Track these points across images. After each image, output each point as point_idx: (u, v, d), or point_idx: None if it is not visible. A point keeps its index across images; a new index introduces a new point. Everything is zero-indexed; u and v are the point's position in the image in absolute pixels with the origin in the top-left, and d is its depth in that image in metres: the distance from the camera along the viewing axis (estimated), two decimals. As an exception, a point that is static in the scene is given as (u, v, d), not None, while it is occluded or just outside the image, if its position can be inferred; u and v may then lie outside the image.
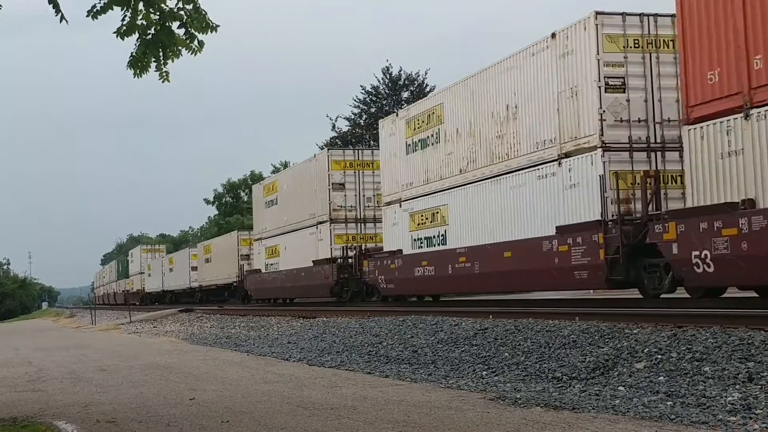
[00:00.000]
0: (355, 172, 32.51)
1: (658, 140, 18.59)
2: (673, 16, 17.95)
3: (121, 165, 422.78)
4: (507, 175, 21.62)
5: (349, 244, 31.44)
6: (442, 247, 24.60)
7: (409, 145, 27.17)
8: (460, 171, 23.92)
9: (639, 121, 18.50)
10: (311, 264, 32.58)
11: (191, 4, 7.13)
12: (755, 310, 12.63)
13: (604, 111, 18.30)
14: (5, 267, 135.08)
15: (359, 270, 30.19)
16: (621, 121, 18.39)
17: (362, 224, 32.11)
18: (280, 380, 10.83)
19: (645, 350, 9.81)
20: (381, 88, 68.48)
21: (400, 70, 68.04)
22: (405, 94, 68.16)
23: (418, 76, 67.79)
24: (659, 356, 9.46)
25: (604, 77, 18.38)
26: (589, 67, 18.69)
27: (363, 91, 68.64)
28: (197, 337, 21.39)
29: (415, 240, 26.56)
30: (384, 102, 68.50)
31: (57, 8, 6.92)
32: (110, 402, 9.44)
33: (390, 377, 10.68)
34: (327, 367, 12.37)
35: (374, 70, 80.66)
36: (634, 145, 18.41)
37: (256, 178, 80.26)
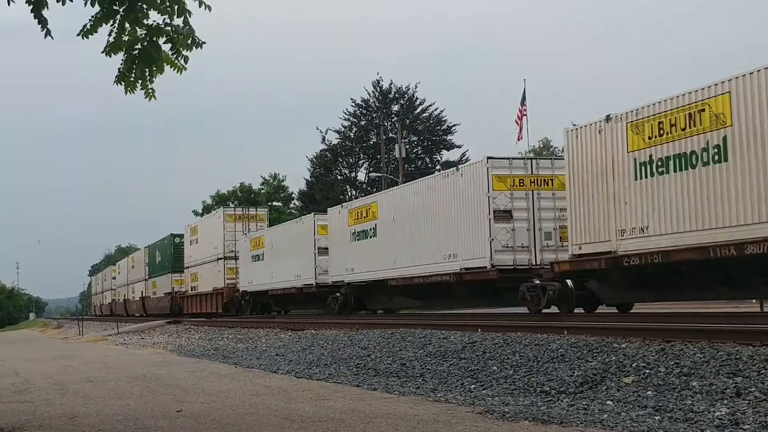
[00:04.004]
0: None
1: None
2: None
3: (110, 176, 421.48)
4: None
5: None
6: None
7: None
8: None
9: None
10: None
11: (182, 17, 7.11)
12: (743, 326, 12.67)
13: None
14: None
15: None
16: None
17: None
18: (268, 393, 10.79)
19: (633, 364, 9.83)
20: (371, 101, 68.67)
21: (391, 84, 68.31)
22: (395, 107, 68.37)
23: (408, 89, 68.06)
24: (647, 371, 9.47)
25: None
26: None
27: (353, 104, 68.87)
28: (185, 349, 21.31)
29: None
30: (374, 115, 68.67)
31: (43, 25, 6.89)
32: (97, 413, 9.38)
33: (378, 390, 10.65)
34: (315, 379, 12.34)
35: (365, 82, 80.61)
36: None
37: (246, 190, 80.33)
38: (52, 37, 6.98)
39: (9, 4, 7.05)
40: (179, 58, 7.31)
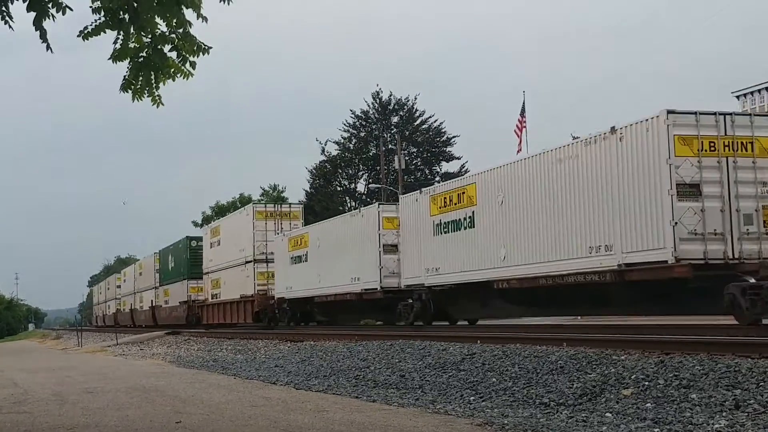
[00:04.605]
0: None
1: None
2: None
3: (109, 187, 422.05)
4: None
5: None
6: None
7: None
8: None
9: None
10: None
11: (182, 29, 7.16)
12: (742, 338, 12.66)
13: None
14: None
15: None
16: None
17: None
18: (267, 404, 10.78)
19: (632, 377, 9.82)
20: (371, 112, 68.78)
21: (390, 95, 68.45)
22: (394, 119, 68.48)
23: (408, 100, 68.20)
24: (646, 383, 9.47)
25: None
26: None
27: (352, 115, 68.97)
28: (184, 360, 21.29)
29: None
30: (374, 126, 68.77)
31: (44, 38, 6.92)
32: (96, 425, 9.37)
33: (377, 402, 10.64)
34: (314, 391, 12.33)
35: (363, 92, 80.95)
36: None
37: (245, 201, 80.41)
38: (51, 51, 7.01)
39: (6, 23, 7.06)
40: (186, 65, 7.35)
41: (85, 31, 7.08)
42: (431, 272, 25.27)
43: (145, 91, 7.44)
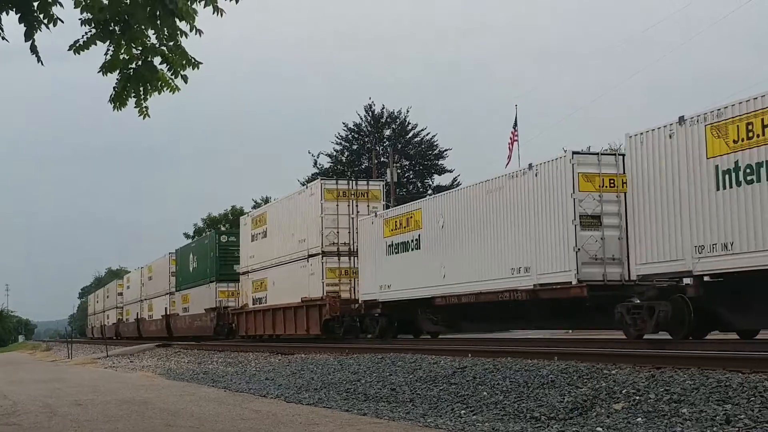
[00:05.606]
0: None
1: None
2: None
3: (100, 198, 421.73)
4: None
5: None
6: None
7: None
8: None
9: None
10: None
11: (173, 42, 7.16)
12: (733, 353, 12.69)
13: None
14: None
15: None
16: None
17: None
18: (257, 417, 10.74)
19: (623, 391, 9.82)
20: (363, 125, 68.94)
21: (383, 108, 68.60)
22: (387, 132, 68.63)
23: (400, 113, 68.34)
24: (637, 397, 9.47)
25: None
26: None
27: (345, 128, 69.12)
28: (174, 373, 21.22)
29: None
30: (366, 139, 68.90)
31: (34, 51, 6.92)
32: (85, 437, 9.33)
33: (368, 415, 10.62)
34: (305, 404, 12.30)
35: (356, 106, 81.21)
36: None
37: (237, 213, 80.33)
38: (42, 64, 7.01)
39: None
40: (176, 78, 7.35)
41: (76, 45, 7.08)
42: (712, 252, 15.61)
43: (128, 102, 7.43)
